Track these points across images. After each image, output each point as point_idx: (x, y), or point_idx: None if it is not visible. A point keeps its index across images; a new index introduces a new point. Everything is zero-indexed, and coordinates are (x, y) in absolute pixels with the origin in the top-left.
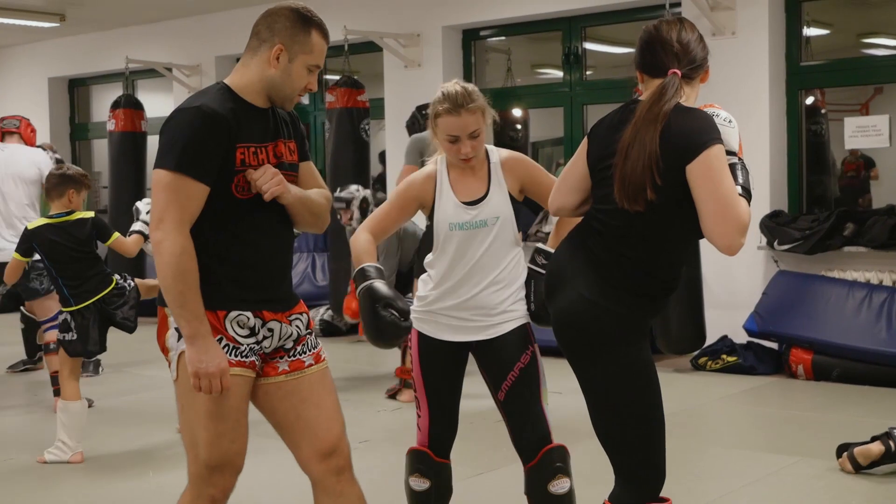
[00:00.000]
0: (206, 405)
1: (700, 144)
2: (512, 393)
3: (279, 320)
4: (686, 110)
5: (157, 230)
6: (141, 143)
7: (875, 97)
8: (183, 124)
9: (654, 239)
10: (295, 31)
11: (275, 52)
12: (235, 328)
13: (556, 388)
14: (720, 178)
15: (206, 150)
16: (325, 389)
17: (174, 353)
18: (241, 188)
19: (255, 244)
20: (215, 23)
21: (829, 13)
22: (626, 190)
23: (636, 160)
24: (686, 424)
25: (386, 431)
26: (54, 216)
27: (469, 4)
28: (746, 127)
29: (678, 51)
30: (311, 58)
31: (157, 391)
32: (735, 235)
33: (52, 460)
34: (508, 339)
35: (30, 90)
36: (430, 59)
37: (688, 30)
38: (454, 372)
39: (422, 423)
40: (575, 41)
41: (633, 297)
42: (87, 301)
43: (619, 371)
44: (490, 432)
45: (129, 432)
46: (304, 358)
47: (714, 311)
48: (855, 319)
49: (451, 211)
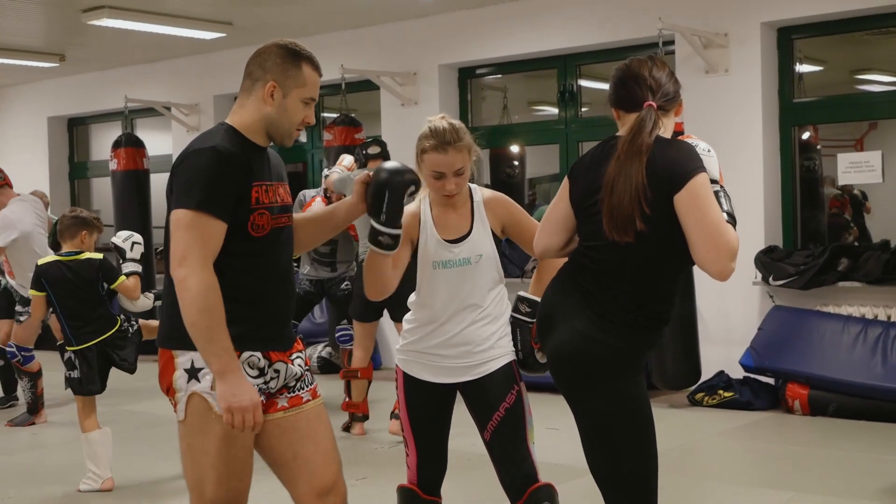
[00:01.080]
0: (216, 445)
1: (686, 174)
2: (498, 433)
3: (284, 360)
4: (668, 142)
5: (181, 268)
6: (144, 181)
7: (869, 133)
8: (200, 164)
9: (645, 270)
10: (286, 66)
11: (268, 90)
12: (247, 369)
13: (553, 424)
14: (707, 206)
15: (224, 189)
16: (322, 425)
17: (183, 395)
18: (256, 226)
19: (267, 281)
20: (213, 62)
21: (822, 50)
22: (615, 222)
23: (623, 192)
24: (682, 460)
25: (384, 468)
26: (64, 254)
27: (465, 43)
28: (740, 163)
29: (652, 84)
30: (304, 91)
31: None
32: (726, 261)
33: (86, 490)
34: (494, 378)
35: (29, 129)
36: (426, 97)
37: (658, 66)
38: (441, 411)
39: (410, 462)
40: (570, 79)
41: (628, 331)
42: (89, 343)
43: (616, 405)
44: (482, 469)
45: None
46: (303, 394)
47: (710, 346)
48: (851, 354)
49: (434, 249)
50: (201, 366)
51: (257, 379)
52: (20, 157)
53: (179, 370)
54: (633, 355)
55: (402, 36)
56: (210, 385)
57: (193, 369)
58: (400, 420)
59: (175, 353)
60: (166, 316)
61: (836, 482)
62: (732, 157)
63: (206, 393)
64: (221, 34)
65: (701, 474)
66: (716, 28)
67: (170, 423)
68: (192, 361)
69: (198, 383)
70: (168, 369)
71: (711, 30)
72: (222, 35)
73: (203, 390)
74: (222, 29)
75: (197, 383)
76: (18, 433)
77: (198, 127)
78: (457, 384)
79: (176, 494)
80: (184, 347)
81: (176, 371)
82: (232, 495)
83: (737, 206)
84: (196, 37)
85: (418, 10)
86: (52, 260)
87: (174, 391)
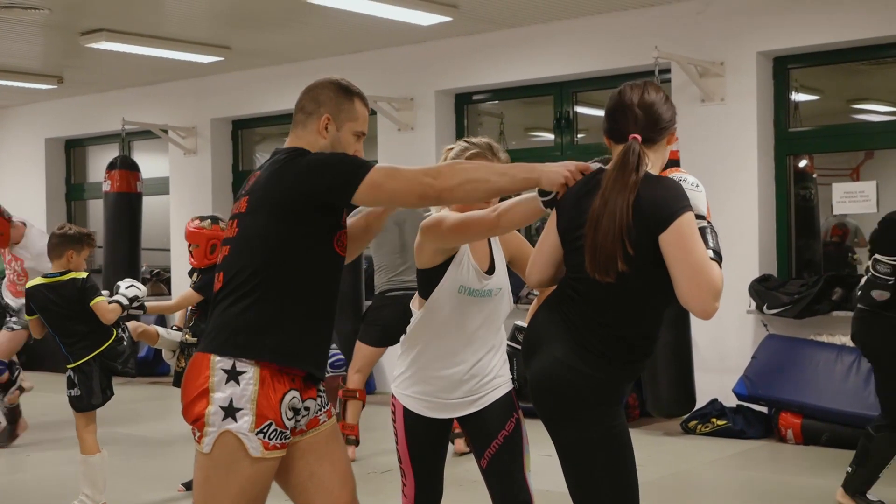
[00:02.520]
0: (240, 485)
1: (672, 214)
2: (495, 460)
3: (313, 397)
4: (655, 179)
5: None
6: (136, 204)
7: (865, 162)
8: (336, 154)
9: (628, 306)
10: (339, 100)
11: (323, 123)
12: (287, 412)
13: (545, 451)
14: (692, 246)
15: None
16: (339, 446)
17: (214, 430)
18: (341, 244)
19: (333, 298)
20: (210, 85)
21: (818, 79)
22: (597, 261)
23: (607, 231)
24: (675, 488)
25: (376, 493)
26: (49, 275)
27: (461, 69)
28: (735, 191)
29: (638, 115)
30: (356, 124)
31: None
32: (709, 300)
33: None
34: (494, 406)
35: (27, 151)
36: (423, 122)
37: (651, 91)
38: (439, 442)
39: (408, 492)
40: (566, 105)
41: (608, 363)
42: (85, 357)
43: (594, 434)
44: (477, 495)
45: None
46: (320, 416)
47: (704, 374)
48: (844, 384)
49: (466, 274)
50: (243, 370)
51: (291, 420)
52: (17, 178)
53: (214, 406)
54: (612, 386)
55: (399, 61)
56: (248, 427)
57: (234, 372)
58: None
59: (212, 383)
60: (224, 325)
61: None
62: (727, 185)
63: (241, 434)
64: (219, 58)
65: (693, 502)
66: (712, 57)
67: (161, 446)
68: (233, 364)
69: (234, 423)
70: (202, 399)
71: (707, 58)
72: (220, 59)
73: (239, 430)
74: (220, 53)
75: (233, 422)
76: (9, 455)
77: (194, 150)
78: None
79: None
80: (225, 354)
81: (211, 406)
82: None
83: (731, 235)
84: (194, 60)
85: (416, 36)
86: (38, 284)
87: (203, 424)
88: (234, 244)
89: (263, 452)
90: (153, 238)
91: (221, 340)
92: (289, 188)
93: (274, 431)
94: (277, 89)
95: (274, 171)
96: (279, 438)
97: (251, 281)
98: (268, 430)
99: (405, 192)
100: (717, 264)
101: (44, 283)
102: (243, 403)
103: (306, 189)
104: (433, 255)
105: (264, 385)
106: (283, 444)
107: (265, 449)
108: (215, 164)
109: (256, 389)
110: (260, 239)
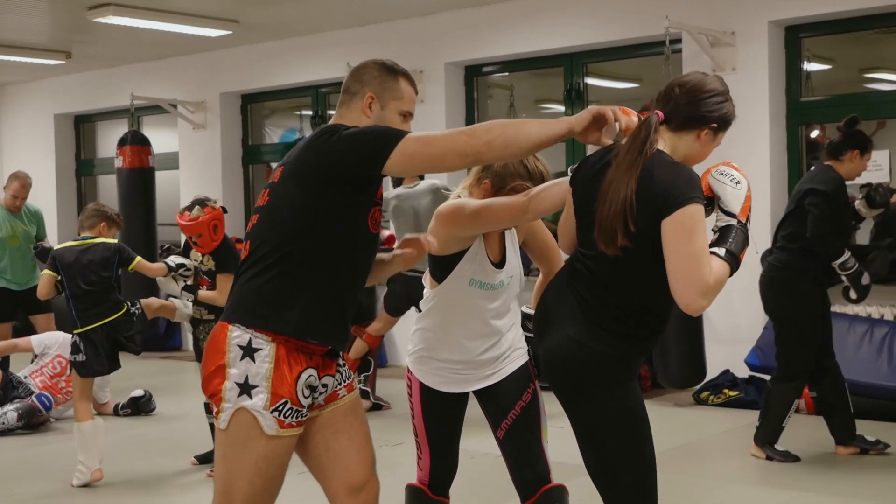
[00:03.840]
0: (255, 462)
1: (678, 201)
2: (512, 431)
3: (331, 374)
4: (671, 164)
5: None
6: (149, 179)
7: (878, 131)
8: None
9: (635, 283)
10: (384, 79)
11: (367, 101)
12: (303, 391)
13: (558, 422)
14: (688, 238)
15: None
16: (358, 420)
17: (230, 406)
18: (374, 221)
19: (361, 276)
20: (219, 60)
21: (830, 48)
22: (602, 233)
23: (611, 203)
24: (687, 459)
25: (387, 466)
26: (80, 238)
27: (471, 41)
28: (747, 162)
29: (676, 94)
30: (402, 103)
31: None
32: (694, 296)
33: (79, 483)
34: (510, 378)
35: (36, 126)
36: (433, 95)
37: (710, 81)
38: (456, 416)
39: (423, 464)
40: (576, 77)
41: (619, 339)
42: (93, 324)
43: (608, 411)
44: (490, 468)
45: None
46: (339, 390)
47: (715, 345)
48: (856, 354)
49: (478, 266)
50: (259, 346)
51: (308, 398)
52: (27, 154)
53: (230, 381)
54: (624, 362)
55: (408, 34)
56: (263, 404)
57: (250, 348)
58: (414, 424)
59: (232, 328)
60: (245, 296)
61: (839, 482)
62: (739, 155)
63: (256, 411)
64: (228, 32)
65: (704, 473)
66: (723, 26)
67: (174, 420)
68: (249, 340)
69: (249, 399)
70: (219, 375)
71: (718, 28)
72: (228, 32)
73: (254, 408)
74: (228, 26)
75: (248, 399)
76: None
77: (203, 124)
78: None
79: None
80: (245, 323)
81: (227, 381)
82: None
83: None
84: (202, 34)
85: (424, 8)
86: (68, 245)
87: (220, 399)
88: (264, 214)
89: (279, 430)
90: (163, 213)
91: (242, 311)
92: (320, 160)
93: (290, 410)
94: (286, 63)
95: (309, 143)
96: (295, 417)
97: (275, 253)
98: (283, 408)
99: (445, 155)
100: (726, 264)
101: (73, 244)
102: (258, 381)
103: (337, 162)
104: (446, 242)
105: (280, 363)
106: (300, 422)
107: (280, 427)
108: (224, 138)
109: (272, 367)
110: (288, 210)
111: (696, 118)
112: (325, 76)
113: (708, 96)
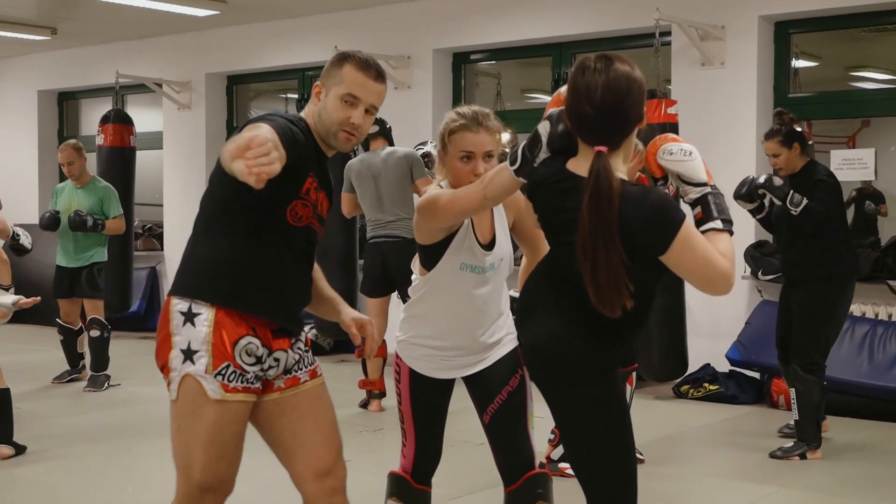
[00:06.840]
0: (208, 430)
1: (670, 234)
2: (498, 416)
3: (284, 349)
4: (636, 199)
5: None
6: (130, 158)
7: (862, 130)
8: (283, 122)
9: None
10: (330, 68)
11: (315, 91)
12: (243, 356)
13: (539, 412)
14: (693, 251)
15: (294, 149)
16: (323, 406)
17: (177, 374)
18: (295, 215)
19: (299, 255)
20: (206, 40)
21: (818, 45)
22: (603, 304)
23: (606, 272)
24: (666, 452)
25: (368, 452)
26: None
27: (459, 28)
28: (734, 156)
29: (597, 120)
30: (341, 88)
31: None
32: (725, 287)
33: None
34: (499, 363)
35: (19, 103)
36: (420, 81)
37: (615, 85)
38: (442, 403)
39: (407, 452)
40: (564, 67)
41: (596, 334)
42: None
43: (587, 404)
44: (472, 455)
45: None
46: (300, 375)
47: (697, 339)
48: (837, 351)
49: (468, 250)
50: (198, 311)
51: (254, 366)
52: (9, 130)
53: (175, 349)
54: (602, 356)
55: (396, 19)
56: (204, 368)
57: (190, 314)
58: (400, 410)
59: (174, 299)
60: (184, 269)
61: (818, 477)
62: (726, 149)
63: (199, 376)
64: (215, 11)
65: (683, 467)
66: (713, 20)
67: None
68: (189, 306)
69: (192, 365)
70: (165, 346)
71: (709, 22)
72: (216, 12)
73: (197, 373)
74: (216, 6)
75: (191, 365)
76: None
77: (189, 105)
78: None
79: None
80: (185, 294)
81: (172, 350)
82: (220, 479)
83: (728, 200)
84: (189, 13)
85: None
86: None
87: (168, 370)
88: (204, 192)
89: (224, 395)
90: (145, 193)
91: (182, 283)
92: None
93: (233, 373)
94: (273, 45)
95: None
96: (240, 381)
97: (207, 227)
98: (226, 371)
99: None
100: (726, 233)
101: None
102: (199, 346)
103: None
104: (432, 233)
105: (219, 326)
106: (247, 388)
107: (225, 391)
108: (209, 119)
109: (211, 331)
110: (212, 189)
111: (632, 125)
112: (312, 59)
113: (629, 93)
